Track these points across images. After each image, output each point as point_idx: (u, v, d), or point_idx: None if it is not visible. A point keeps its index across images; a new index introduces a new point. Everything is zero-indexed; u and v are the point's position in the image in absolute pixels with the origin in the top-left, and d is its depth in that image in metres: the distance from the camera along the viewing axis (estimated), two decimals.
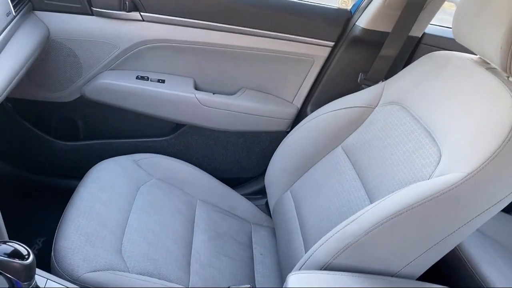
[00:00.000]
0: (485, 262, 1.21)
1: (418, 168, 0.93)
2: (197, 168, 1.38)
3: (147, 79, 1.35)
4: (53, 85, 1.34)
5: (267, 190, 1.37)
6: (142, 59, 1.34)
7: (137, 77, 1.35)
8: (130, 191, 1.16)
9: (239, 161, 1.52)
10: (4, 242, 0.68)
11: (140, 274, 0.95)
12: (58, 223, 1.01)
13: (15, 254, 0.67)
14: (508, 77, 0.91)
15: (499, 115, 0.83)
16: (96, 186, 1.12)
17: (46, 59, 1.30)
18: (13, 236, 0.85)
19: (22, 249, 0.68)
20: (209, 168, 1.46)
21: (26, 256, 0.68)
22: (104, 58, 1.32)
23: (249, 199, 1.44)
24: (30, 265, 0.68)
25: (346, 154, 1.18)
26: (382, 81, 1.24)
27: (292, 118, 1.45)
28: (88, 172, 1.18)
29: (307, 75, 1.40)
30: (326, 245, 0.87)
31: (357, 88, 1.33)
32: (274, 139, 1.46)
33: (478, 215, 0.83)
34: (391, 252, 0.85)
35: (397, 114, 1.10)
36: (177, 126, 1.45)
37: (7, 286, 0.71)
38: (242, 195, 1.42)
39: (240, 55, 1.36)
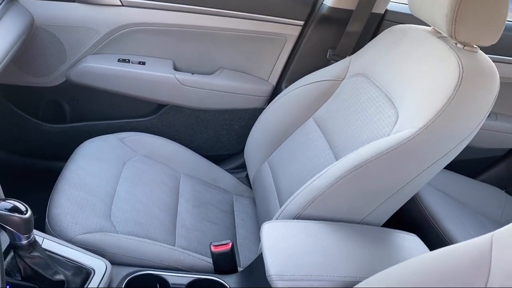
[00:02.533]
0: (447, 218, 1.33)
1: (379, 128, 1.03)
2: (180, 145, 1.46)
3: (128, 61, 1.42)
4: (39, 71, 1.41)
5: (247, 163, 1.46)
6: (123, 43, 1.41)
7: (118, 60, 1.42)
8: (117, 165, 1.24)
9: (220, 138, 1.61)
10: (4, 200, 0.76)
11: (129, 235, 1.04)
12: (47, 202, 1.07)
13: (15, 209, 0.75)
14: (456, 44, 1.01)
15: (446, 76, 0.93)
16: (85, 161, 1.20)
17: (31, 45, 1.36)
18: None
19: (20, 205, 0.76)
20: (192, 146, 1.54)
21: (25, 211, 0.76)
22: (86, 43, 1.39)
23: (230, 173, 1.53)
24: (28, 218, 0.76)
25: (317, 124, 1.27)
26: (349, 56, 1.33)
27: (268, 95, 1.53)
28: (76, 148, 1.25)
29: (280, 53, 1.48)
30: (296, 199, 0.97)
31: (326, 63, 1.42)
32: (252, 116, 1.54)
33: (430, 165, 0.93)
34: (354, 202, 0.95)
35: (362, 85, 1.20)
36: (159, 107, 1.53)
37: (9, 240, 0.79)
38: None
39: (217, 36, 1.44)
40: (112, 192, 1.15)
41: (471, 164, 1.73)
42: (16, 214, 0.75)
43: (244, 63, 1.51)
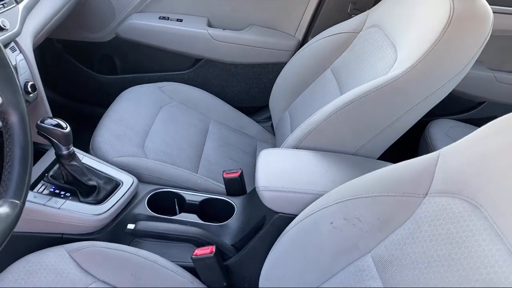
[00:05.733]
0: None
1: (379, 71, 1.11)
2: (213, 95, 1.62)
3: (168, 19, 1.60)
4: (93, 27, 1.62)
5: (271, 113, 1.59)
6: (163, 2, 1.59)
7: (159, 18, 1.60)
8: (154, 109, 1.43)
9: (250, 91, 1.74)
10: (50, 118, 0.96)
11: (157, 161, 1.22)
12: None
13: (58, 125, 0.95)
14: None
15: (437, 19, 0.99)
16: (127, 103, 1.39)
17: (86, 4, 1.57)
18: None
19: (62, 122, 0.96)
20: (225, 99, 1.68)
21: (65, 127, 0.95)
22: (132, 2, 1.58)
23: (258, 123, 1.66)
24: (68, 133, 0.95)
25: (334, 75, 1.36)
26: (368, 9, 1.40)
27: (294, 49, 1.64)
28: (121, 93, 1.46)
29: (306, 9, 1.58)
30: (295, 133, 1.09)
31: (348, 17, 1.49)
32: (279, 69, 1.64)
33: (418, 103, 1.00)
34: (346, 135, 1.05)
35: (374, 35, 1.27)
36: (195, 61, 1.69)
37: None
38: None
39: None
40: (147, 129, 1.33)
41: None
42: (59, 129, 0.94)
43: (272, 19, 1.62)
